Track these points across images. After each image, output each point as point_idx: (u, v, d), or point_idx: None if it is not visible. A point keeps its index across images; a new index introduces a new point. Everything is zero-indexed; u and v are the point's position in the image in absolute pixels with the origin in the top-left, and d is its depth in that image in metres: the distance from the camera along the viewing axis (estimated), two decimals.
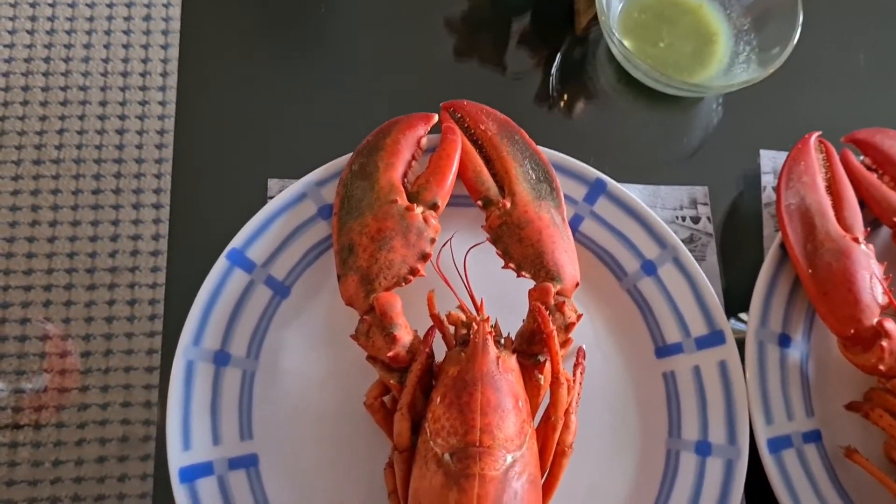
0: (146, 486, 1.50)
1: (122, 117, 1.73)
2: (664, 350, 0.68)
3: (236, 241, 0.66)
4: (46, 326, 1.58)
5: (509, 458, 0.56)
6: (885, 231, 0.73)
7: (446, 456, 0.56)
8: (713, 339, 0.67)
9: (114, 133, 1.72)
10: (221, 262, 0.65)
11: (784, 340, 0.68)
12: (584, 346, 0.67)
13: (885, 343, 0.64)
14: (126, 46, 1.78)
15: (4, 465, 1.50)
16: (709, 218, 0.75)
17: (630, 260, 0.69)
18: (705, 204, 0.76)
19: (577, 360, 0.66)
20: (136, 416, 1.54)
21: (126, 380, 1.56)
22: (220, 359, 0.64)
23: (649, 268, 0.69)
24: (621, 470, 0.66)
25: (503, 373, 0.59)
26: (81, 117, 1.72)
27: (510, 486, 0.55)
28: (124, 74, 1.76)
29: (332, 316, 0.67)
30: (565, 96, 0.81)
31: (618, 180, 0.71)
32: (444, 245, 0.67)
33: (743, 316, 0.72)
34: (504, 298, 0.63)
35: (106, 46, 1.78)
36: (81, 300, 1.61)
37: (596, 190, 0.70)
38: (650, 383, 0.68)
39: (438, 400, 0.58)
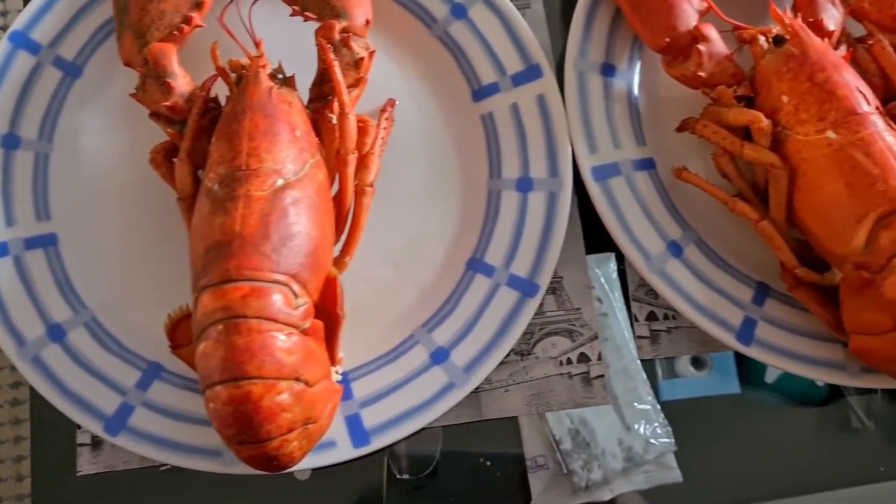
0: None
1: None
2: (480, 92, 0.64)
3: (18, 23, 0.63)
4: None
5: (280, 182, 0.53)
6: None
7: (215, 186, 0.53)
8: (530, 74, 0.64)
9: None
10: (3, 46, 0.63)
11: (607, 70, 0.64)
12: (395, 99, 0.64)
13: (702, 47, 0.60)
14: None
15: None
16: None
17: (437, 5, 0.65)
18: None
19: (384, 107, 0.63)
20: None
21: None
22: (9, 142, 0.62)
23: (459, 11, 0.65)
24: (442, 218, 0.63)
25: (277, 103, 0.56)
26: None
27: (279, 207, 0.52)
28: None
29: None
30: None
31: None
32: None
33: None
34: (305, 56, 0.60)
35: None
36: None
37: None
38: (469, 128, 0.65)
39: (214, 139, 0.56)
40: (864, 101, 0.57)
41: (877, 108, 0.57)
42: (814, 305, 0.59)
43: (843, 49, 0.62)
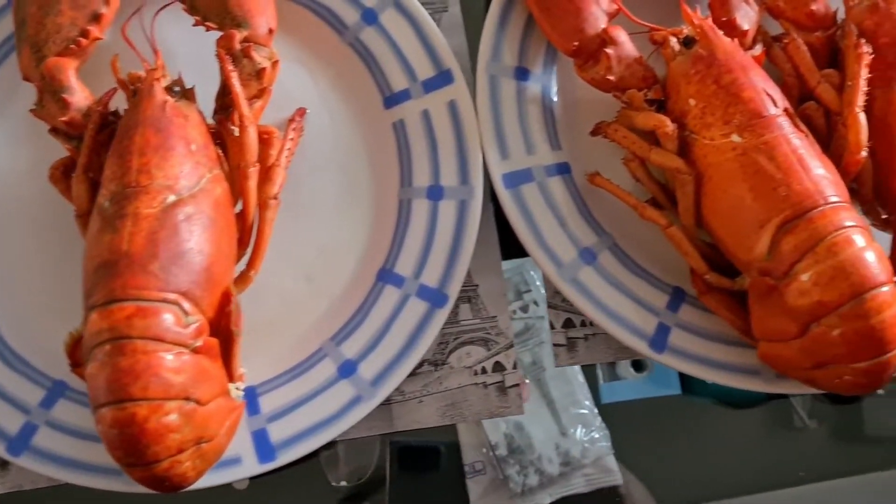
0: None
1: None
2: (392, 99, 0.63)
3: None
4: None
5: (172, 198, 0.52)
6: None
7: (106, 203, 0.52)
8: (441, 79, 0.63)
9: None
10: None
11: (521, 73, 0.63)
12: (306, 108, 0.63)
13: (610, 50, 0.59)
14: None
15: None
16: None
17: (348, 11, 0.64)
18: None
19: (292, 117, 0.62)
20: None
21: None
22: None
23: (370, 16, 0.64)
24: (354, 229, 0.63)
25: (172, 117, 0.55)
26: None
27: (169, 224, 0.51)
28: None
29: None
30: None
31: None
32: (135, 12, 0.62)
33: None
34: (211, 66, 0.59)
35: None
36: None
37: None
38: (380, 136, 0.64)
39: (108, 155, 0.55)
40: (772, 103, 0.55)
41: (785, 110, 0.56)
42: (724, 311, 0.58)
43: (758, 48, 0.61)
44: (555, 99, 0.64)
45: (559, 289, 0.59)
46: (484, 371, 0.62)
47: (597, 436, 0.80)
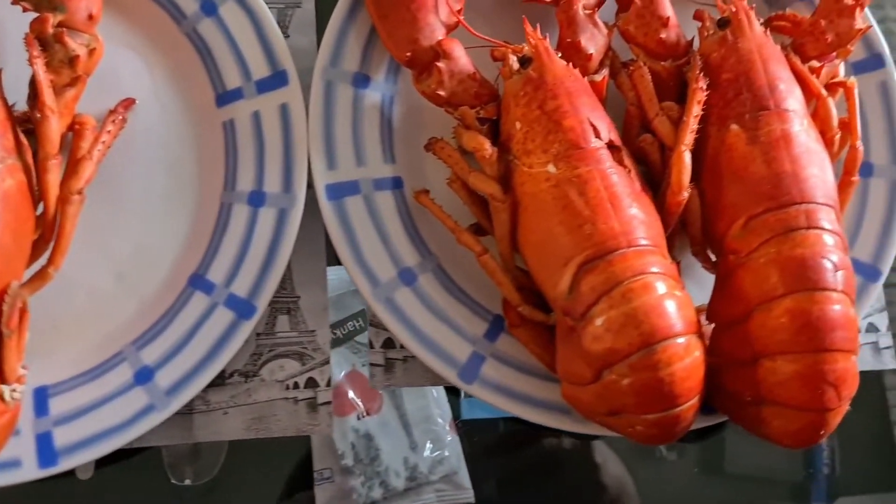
0: None
1: None
2: (225, 97, 0.61)
3: None
4: None
5: None
6: None
7: None
8: (275, 81, 0.60)
9: None
10: None
11: (361, 80, 0.61)
12: (134, 100, 0.60)
13: (442, 64, 0.56)
14: None
15: None
16: None
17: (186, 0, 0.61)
18: None
19: (115, 108, 0.59)
20: None
21: None
22: None
23: (209, 7, 0.61)
24: (173, 228, 0.60)
25: None
26: None
27: None
28: None
29: None
30: None
31: None
32: None
33: None
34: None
35: None
36: None
37: None
38: (210, 135, 0.61)
39: None
40: (594, 134, 0.53)
41: (609, 142, 0.53)
42: (533, 346, 0.56)
43: (601, 74, 0.58)
44: (395, 109, 0.61)
45: (372, 308, 0.57)
46: (296, 386, 0.60)
47: (447, 453, 0.78)
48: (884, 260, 0.61)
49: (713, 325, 0.54)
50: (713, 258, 0.57)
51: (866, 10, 0.63)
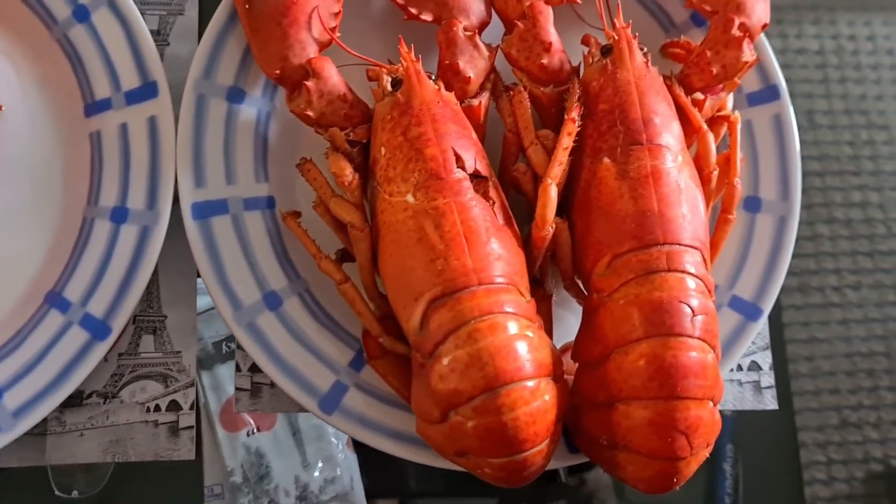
0: None
1: None
2: (93, 107, 0.59)
3: None
4: None
5: None
6: None
7: None
8: (144, 92, 0.58)
9: None
10: None
11: (235, 95, 0.58)
12: (1, 104, 0.58)
13: (310, 83, 0.54)
14: None
15: None
16: None
17: (60, 4, 0.59)
18: None
19: None
20: None
21: None
22: None
23: (82, 13, 0.59)
24: (34, 242, 0.58)
25: None
26: None
27: None
28: None
29: None
30: None
31: None
32: None
33: None
34: None
35: None
36: None
37: None
38: (77, 146, 0.59)
39: None
40: (456, 164, 0.51)
41: (475, 173, 0.51)
42: (392, 380, 0.54)
43: (479, 98, 0.56)
44: (271, 127, 0.59)
45: (233, 332, 0.55)
46: (157, 409, 0.59)
47: (339, 472, 0.77)
48: (766, 299, 0.59)
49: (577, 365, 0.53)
50: (587, 293, 0.56)
51: (763, 39, 0.61)
